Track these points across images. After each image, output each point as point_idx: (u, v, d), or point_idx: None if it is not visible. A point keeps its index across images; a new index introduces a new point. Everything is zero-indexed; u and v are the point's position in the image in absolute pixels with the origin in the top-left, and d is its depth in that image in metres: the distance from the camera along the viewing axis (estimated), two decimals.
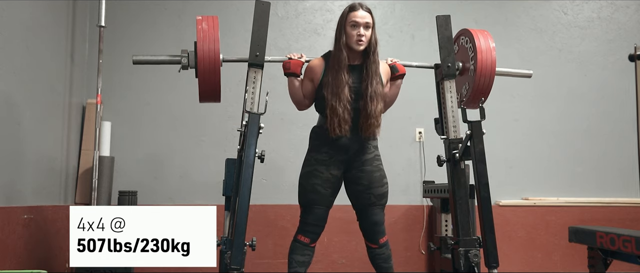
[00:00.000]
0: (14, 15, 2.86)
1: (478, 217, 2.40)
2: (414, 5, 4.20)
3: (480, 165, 2.36)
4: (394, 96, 2.60)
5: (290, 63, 2.50)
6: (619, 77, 4.23)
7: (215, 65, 2.37)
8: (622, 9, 4.41)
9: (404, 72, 2.59)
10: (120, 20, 3.85)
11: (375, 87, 2.40)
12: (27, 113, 3.00)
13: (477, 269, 2.34)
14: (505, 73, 2.80)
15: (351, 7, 2.44)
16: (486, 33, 2.66)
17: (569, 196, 4.12)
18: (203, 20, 2.42)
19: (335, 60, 2.42)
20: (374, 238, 2.48)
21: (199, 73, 2.39)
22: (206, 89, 2.44)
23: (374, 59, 2.43)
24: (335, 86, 2.37)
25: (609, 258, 2.59)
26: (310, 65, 2.51)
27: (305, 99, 2.53)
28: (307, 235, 2.42)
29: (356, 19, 2.39)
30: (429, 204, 3.95)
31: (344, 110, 2.36)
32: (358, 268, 3.82)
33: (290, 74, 2.50)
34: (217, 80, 2.41)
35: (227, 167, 2.55)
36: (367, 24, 2.40)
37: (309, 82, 2.49)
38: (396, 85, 2.60)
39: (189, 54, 2.44)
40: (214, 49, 2.36)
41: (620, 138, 4.18)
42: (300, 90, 2.51)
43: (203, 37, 2.37)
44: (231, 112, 3.71)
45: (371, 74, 2.41)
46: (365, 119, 2.40)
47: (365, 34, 2.39)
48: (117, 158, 3.69)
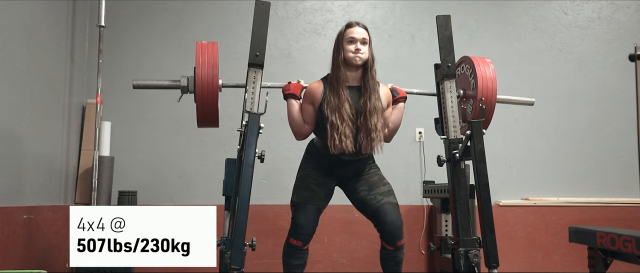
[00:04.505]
0: (14, 15, 2.86)
1: (478, 217, 2.40)
2: (414, 5, 4.20)
3: (480, 165, 2.36)
4: (397, 120, 2.58)
5: (290, 85, 2.50)
6: (619, 77, 4.23)
7: (214, 91, 2.37)
8: (622, 9, 4.41)
9: (405, 95, 2.59)
10: (120, 20, 3.86)
11: (374, 102, 2.39)
12: (27, 113, 3.00)
13: (477, 269, 2.34)
14: (506, 100, 2.80)
15: (348, 24, 2.47)
16: (487, 60, 2.66)
17: (569, 196, 4.12)
18: (202, 46, 2.43)
19: (334, 78, 2.42)
20: (392, 240, 2.39)
21: (198, 98, 2.39)
22: (204, 114, 2.43)
23: (371, 75, 2.43)
24: (335, 103, 2.36)
25: (609, 258, 2.59)
26: (310, 89, 2.49)
27: (305, 124, 2.49)
28: (298, 237, 2.37)
29: (353, 35, 2.41)
30: (429, 204, 3.95)
31: (345, 125, 2.35)
32: (358, 268, 3.82)
33: (290, 95, 2.48)
34: (215, 105, 2.41)
35: (227, 167, 2.54)
36: (364, 40, 2.42)
37: (309, 105, 2.47)
38: (398, 109, 2.57)
39: (188, 78, 2.44)
40: (213, 74, 2.36)
41: (620, 138, 4.19)
42: (300, 114, 2.48)
43: (202, 63, 2.37)
44: (231, 112, 3.71)
45: (369, 90, 2.41)
46: (366, 134, 2.37)
47: (363, 48, 2.41)
48: (117, 159, 3.69)
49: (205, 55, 2.39)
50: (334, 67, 2.45)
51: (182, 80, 2.45)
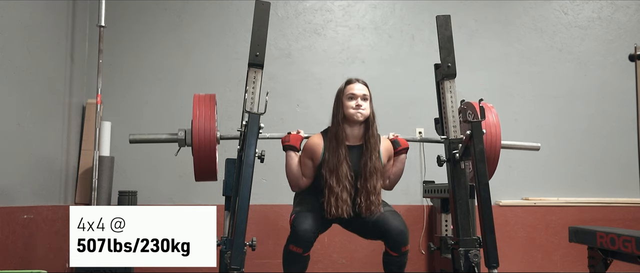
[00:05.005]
0: (14, 15, 2.86)
1: (478, 217, 2.40)
2: (414, 5, 4.20)
3: (480, 165, 2.36)
4: (399, 171, 2.55)
5: (290, 137, 2.49)
6: (619, 77, 4.23)
7: (211, 145, 2.36)
8: (622, 9, 4.41)
9: (407, 146, 2.56)
10: (120, 20, 3.86)
11: (374, 163, 2.37)
12: (27, 113, 3.00)
13: (477, 269, 2.33)
14: (511, 146, 2.75)
15: (348, 81, 2.46)
16: (490, 107, 2.65)
17: (569, 196, 4.12)
18: (199, 99, 2.43)
19: (333, 137, 2.40)
20: (397, 246, 2.36)
21: (195, 152, 2.38)
22: (202, 168, 2.42)
23: (372, 133, 2.41)
24: (334, 164, 2.34)
25: (609, 258, 2.59)
26: (310, 144, 2.46)
27: (303, 177, 2.47)
28: (299, 244, 2.31)
29: (354, 91, 2.40)
30: (429, 204, 3.95)
31: (342, 189, 2.32)
32: (358, 268, 3.82)
33: (289, 147, 2.47)
34: (213, 159, 2.40)
35: (227, 167, 2.54)
36: (365, 96, 2.41)
37: (309, 160, 2.45)
38: (400, 160, 2.54)
39: (186, 131, 2.43)
40: (210, 128, 2.36)
41: (620, 138, 4.18)
42: (299, 167, 2.46)
43: (199, 116, 2.36)
44: (231, 112, 3.71)
45: (370, 149, 2.38)
46: (366, 197, 2.34)
47: (363, 104, 2.39)
48: (117, 159, 3.69)
49: (202, 109, 2.38)
50: (334, 124, 2.43)
51: (180, 133, 2.44)
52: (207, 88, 3.92)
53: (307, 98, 4.02)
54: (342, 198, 2.32)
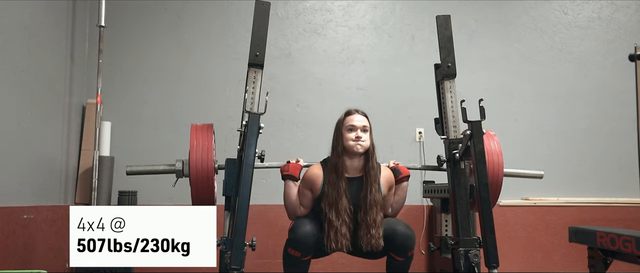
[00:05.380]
0: (14, 15, 2.86)
1: (478, 217, 2.39)
2: (414, 5, 4.20)
3: (480, 165, 2.36)
4: (401, 200, 2.54)
5: (289, 166, 2.49)
6: (619, 77, 4.23)
7: (209, 175, 2.37)
8: (622, 9, 4.41)
9: (407, 173, 2.55)
10: (120, 20, 3.86)
11: (374, 195, 2.35)
12: (27, 113, 3.00)
13: (477, 269, 2.33)
14: (513, 174, 2.73)
15: (347, 112, 2.46)
16: (491, 133, 2.65)
17: (569, 196, 4.12)
18: (196, 129, 2.43)
19: (332, 169, 2.39)
20: (404, 250, 2.36)
21: (192, 183, 2.38)
22: (199, 196, 2.42)
23: (372, 164, 2.40)
24: (334, 197, 2.33)
25: (609, 258, 2.58)
26: (310, 175, 2.45)
27: (301, 207, 2.47)
28: (297, 247, 2.31)
29: (353, 123, 2.40)
30: (429, 204, 3.95)
31: (342, 223, 2.31)
32: (358, 268, 3.82)
33: (288, 176, 2.47)
34: (211, 188, 2.41)
35: (227, 167, 2.54)
36: (365, 128, 2.41)
37: (308, 191, 2.45)
38: (402, 189, 2.54)
39: (183, 162, 2.43)
40: (208, 159, 2.36)
41: (620, 138, 4.18)
42: (297, 196, 2.46)
43: (196, 147, 2.37)
44: (231, 112, 3.71)
45: (370, 181, 2.37)
46: (366, 231, 2.33)
47: (363, 136, 2.39)
48: (117, 159, 3.68)
49: (200, 139, 2.39)
50: (333, 155, 2.42)
51: (177, 164, 2.44)
52: (207, 88, 3.93)
53: (307, 98, 4.02)
54: (341, 233, 2.31)
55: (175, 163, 2.44)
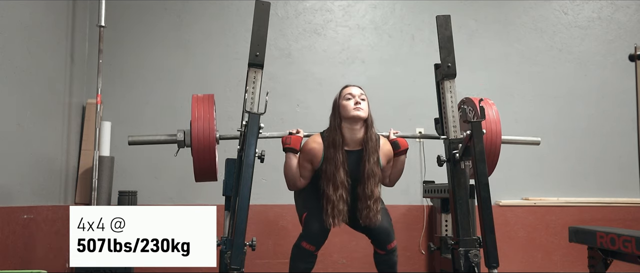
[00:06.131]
0: (14, 15, 2.86)
1: (478, 217, 2.40)
2: (414, 5, 4.20)
3: (480, 165, 2.36)
4: (398, 172, 2.56)
5: (290, 139, 2.49)
6: (619, 77, 4.23)
7: (211, 146, 2.36)
8: (622, 9, 4.41)
9: (406, 146, 2.56)
10: (120, 20, 3.86)
11: (372, 167, 2.37)
12: (27, 113, 3.00)
13: (477, 269, 2.33)
14: (511, 141, 2.75)
15: (344, 86, 2.50)
16: (489, 102, 2.65)
17: (569, 196, 4.12)
18: (198, 99, 2.42)
19: (330, 144, 2.40)
20: (382, 245, 2.41)
21: (194, 153, 2.38)
22: (202, 167, 2.41)
23: (371, 136, 2.42)
24: (331, 171, 2.35)
25: (609, 258, 2.59)
26: (310, 148, 2.46)
27: (301, 178, 2.48)
28: (312, 241, 2.35)
29: (351, 92, 2.43)
30: (429, 204, 3.95)
31: (339, 198, 2.33)
32: (358, 268, 3.82)
33: (290, 149, 2.48)
34: (212, 159, 2.40)
35: (227, 167, 2.54)
36: (362, 96, 2.43)
37: (308, 163, 2.46)
38: (400, 162, 2.55)
39: (185, 132, 2.42)
40: (209, 129, 2.35)
41: (620, 138, 4.19)
42: (297, 168, 2.47)
43: (198, 117, 2.36)
44: (231, 112, 3.71)
45: (369, 153, 2.39)
46: (364, 204, 2.36)
47: (362, 103, 2.41)
48: (117, 159, 3.68)
49: (201, 109, 2.38)
50: (332, 130, 2.44)
51: (179, 134, 2.43)
52: (207, 88, 3.92)
53: (307, 98, 4.02)
54: (339, 208, 2.33)
55: (177, 133, 2.43)
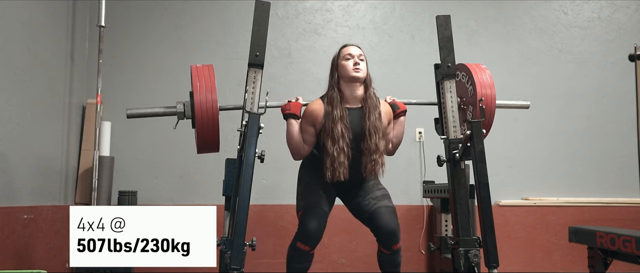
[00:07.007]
0: (14, 15, 2.86)
1: (478, 217, 2.40)
2: (414, 5, 4.20)
3: (480, 165, 2.36)
4: (399, 134, 2.57)
5: (290, 105, 2.50)
6: (619, 77, 4.23)
7: (214, 115, 2.34)
8: (622, 9, 4.41)
9: (405, 108, 2.58)
10: (120, 20, 3.86)
11: (374, 122, 2.38)
12: (27, 113, 3.00)
13: (477, 269, 2.33)
14: (503, 105, 2.80)
15: (343, 45, 2.50)
16: (482, 67, 2.68)
17: (569, 196, 4.12)
18: (198, 69, 2.39)
19: (330, 100, 2.42)
20: (388, 244, 2.39)
21: (197, 124, 2.34)
22: (205, 139, 2.39)
23: (370, 93, 2.43)
24: (330, 127, 2.36)
25: (609, 258, 2.59)
26: (311, 109, 2.47)
27: (304, 145, 2.47)
28: (307, 242, 2.34)
29: (350, 52, 2.44)
30: (429, 204, 3.95)
31: (340, 152, 2.33)
32: (358, 268, 3.82)
33: (290, 115, 2.48)
34: (216, 130, 2.38)
35: (227, 167, 2.54)
36: (361, 57, 2.44)
37: (310, 126, 2.46)
38: (400, 123, 2.57)
39: (185, 104, 2.41)
40: (212, 99, 2.33)
41: (620, 138, 4.18)
42: (300, 134, 2.46)
43: (199, 87, 2.33)
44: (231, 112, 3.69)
45: (370, 109, 2.40)
46: (368, 157, 2.36)
47: (361, 63, 2.42)
48: (117, 159, 3.69)
49: (202, 79, 2.36)
50: (330, 88, 2.45)
51: (178, 106, 2.41)
52: None
53: (307, 98, 4.01)
54: (339, 161, 2.33)
55: (176, 105, 2.41)
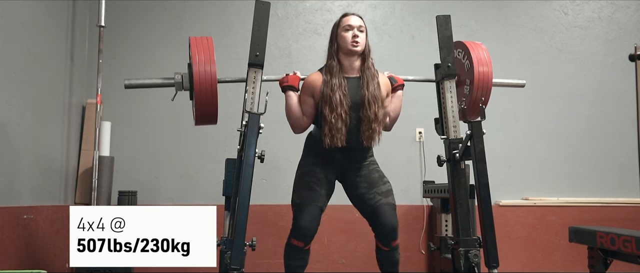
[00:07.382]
0: (14, 15, 2.86)
1: (478, 217, 2.40)
2: (414, 5, 4.20)
3: (480, 165, 2.36)
4: (397, 108, 2.57)
5: (288, 78, 2.50)
6: (619, 77, 4.23)
7: (212, 86, 2.33)
8: (622, 9, 4.41)
9: (402, 82, 2.59)
10: (120, 20, 3.86)
11: (373, 91, 2.38)
12: (27, 113, 3.00)
13: (477, 269, 2.34)
14: (499, 84, 2.81)
15: (343, 14, 2.50)
16: (480, 45, 2.68)
17: (569, 196, 4.12)
18: (196, 41, 2.38)
19: (328, 69, 2.42)
20: (386, 241, 2.40)
21: (196, 94, 2.34)
22: (203, 111, 2.39)
23: (369, 64, 2.43)
24: (328, 94, 2.36)
25: (609, 258, 2.59)
26: (309, 80, 2.47)
27: (304, 117, 2.47)
28: (300, 238, 2.35)
29: (350, 23, 2.43)
30: (429, 204, 3.95)
31: (337, 118, 2.33)
32: (358, 268, 3.82)
33: (288, 87, 2.48)
34: (214, 101, 2.37)
35: (227, 167, 2.54)
36: (361, 28, 2.44)
37: (309, 97, 2.45)
38: (397, 97, 2.57)
39: (183, 75, 2.40)
40: (211, 71, 2.33)
41: (620, 138, 4.18)
42: (299, 107, 2.46)
43: (198, 58, 2.32)
44: (231, 112, 3.71)
45: (368, 79, 2.40)
46: (367, 126, 2.36)
47: (360, 35, 2.41)
48: (117, 159, 3.69)
49: (201, 50, 2.34)
50: (329, 57, 2.45)
51: (176, 76, 2.40)
52: None
53: None
54: (337, 127, 2.33)
55: (175, 76, 2.40)
